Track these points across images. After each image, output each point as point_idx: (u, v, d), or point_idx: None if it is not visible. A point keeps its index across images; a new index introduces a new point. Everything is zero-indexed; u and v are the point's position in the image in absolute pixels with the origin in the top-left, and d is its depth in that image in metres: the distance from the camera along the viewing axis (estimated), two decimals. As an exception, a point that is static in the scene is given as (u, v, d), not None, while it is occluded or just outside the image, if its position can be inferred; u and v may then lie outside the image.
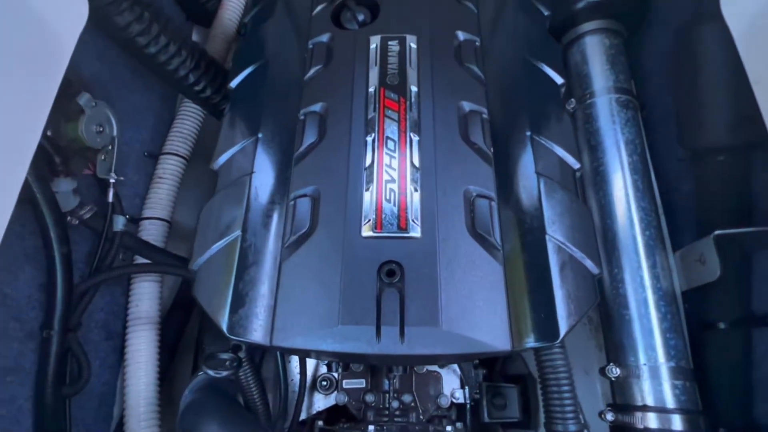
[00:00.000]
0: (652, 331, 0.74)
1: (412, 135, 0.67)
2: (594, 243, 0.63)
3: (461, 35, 0.78)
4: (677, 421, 0.71)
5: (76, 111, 0.85)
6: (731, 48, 0.58)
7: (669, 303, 0.75)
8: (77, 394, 0.85)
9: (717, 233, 0.72)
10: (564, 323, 0.56)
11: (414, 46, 0.76)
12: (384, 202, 0.62)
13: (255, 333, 0.56)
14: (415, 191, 0.63)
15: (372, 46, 0.76)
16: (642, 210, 0.80)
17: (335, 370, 0.84)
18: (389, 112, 0.69)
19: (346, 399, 0.82)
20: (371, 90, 0.71)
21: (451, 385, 0.82)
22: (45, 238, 0.78)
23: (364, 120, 0.69)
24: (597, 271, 0.60)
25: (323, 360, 0.82)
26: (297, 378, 0.83)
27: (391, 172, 0.64)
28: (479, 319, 0.56)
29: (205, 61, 1.08)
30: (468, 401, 0.80)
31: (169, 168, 1.14)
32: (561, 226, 0.61)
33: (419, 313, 0.55)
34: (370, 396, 0.80)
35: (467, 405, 0.80)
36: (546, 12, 0.83)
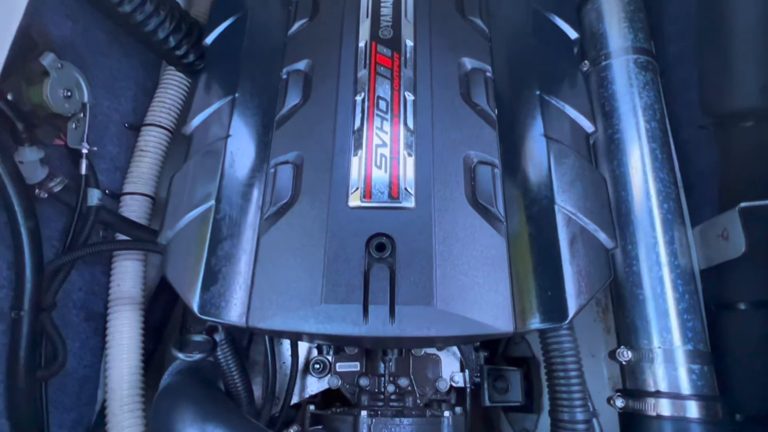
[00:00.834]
0: (667, 312, 0.68)
1: (406, 94, 0.60)
2: (608, 214, 0.56)
3: (464, -15, 0.70)
4: (693, 408, 0.65)
5: (39, 73, 0.77)
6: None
7: (687, 282, 0.69)
8: (53, 376, 0.81)
9: (743, 205, 0.65)
10: (573, 302, 0.50)
11: (410, -4, 0.68)
12: (374, 168, 0.55)
13: (229, 313, 0.51)
14: (409, 156, 0.56)
15: (363, -4, 0.68)
16: (660, 181, 0.73)
17: (327, 353, 0.79)
18: (381, 69, 0.61)
19: (339, 383, 0.77)
20: (361, 45, 0.63)
21: (451, 368, 0.77)
22: (9, 212, 0.72)
23: (353, 78, 0.62)
24: (611, 245, 0.54)
25: (308, 342, 0.77)
26: (289, 361, 0.79)
27: (383, 135, 0.57)
28: (479, 298, 0.50)
29: (187, 23, 1.00)
30: (468, 385, 0.76)
31: (152, 140, 1.07)
32: (572, 195, 0.54)
33: (411, 291, 0.50)
34: (364, 380, 0.75)
35: (467, 389, 0.76)
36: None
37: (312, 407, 0.76)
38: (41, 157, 0.78)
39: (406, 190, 0.54)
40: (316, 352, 0.80)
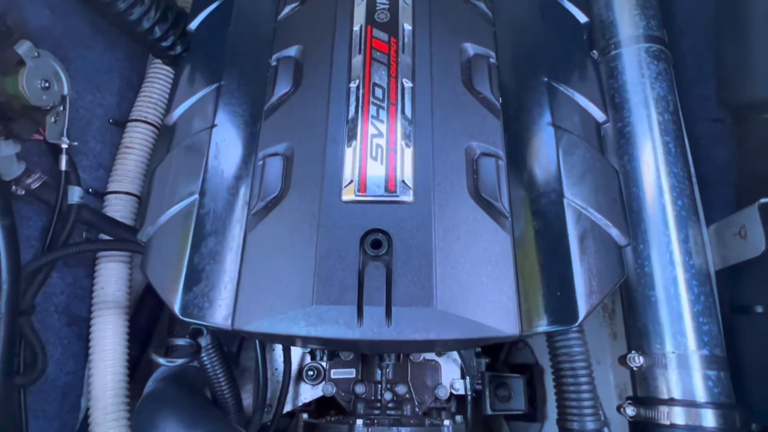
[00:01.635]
0: (681, 315, 0.64)
1: (404, 81, 0.56)
2: (621, 208, 0.52)
3: (465, -32, 0.66)
4: (709, 417, 0.61)
5: (14, 63, 0.73)
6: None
7: (702, 283, 0.65)
8: (33, 384, 0.76)
9: (763, 202, 0.61)
10: (584, 303, 0.46)
11: (408, -22, 0.64)
12: (369, 160, 0.51)
13: (214, 314, 0.46)
14: (407, 147, 0.52)
15: (358, -21, 0.64)
16: (674, 177, 0.69)
17: (321, 358, 0.75)
18: (377, 54, 0.57)
19: (334, 390, 0.73)
20: (356, 29, 0.59)
21: (451, 375, 0.73)
22: (-18, 209, 0.67)
23: (347, 64, 0.58)
24: (624, 242, 0.50)
25: (300, 347, 0.73)
26: (281, 367, 0.75)
27: (379, 125, 0.53)
28: (482, 298, 0.46)
29: (174, 13, 0.96)
30: (469, 392, 0.71)
31: (138, 137, 1.03)
32: (582, 188, 0.50)
33: (409, 291, 0.45)
34: (360, 387, 0.71)
35: (468, 396, 0.72)
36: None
37: (305, 416, 0.72)
38: (17, 152, 0.73)
39: (403, 183, 0.50)
40: (309, 358, 0.76)
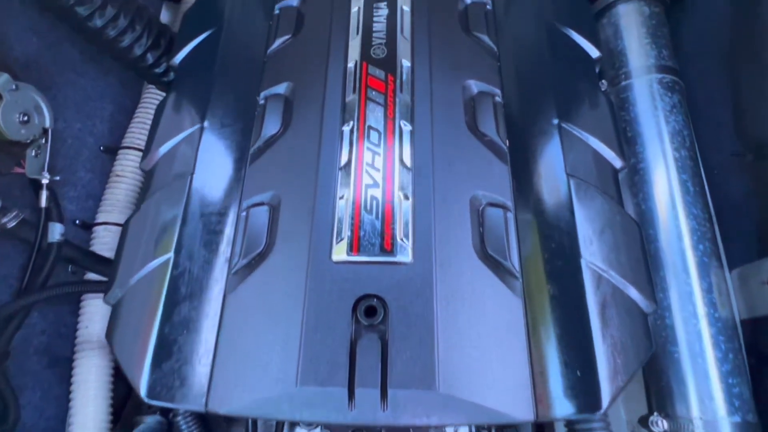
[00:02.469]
0: (708, 376, 0.58)
1: (402, 124, 0.51)
2: (645, 269, 0.46)
3: (467, -3, 0.61)
4: (740, 490, 0.56)
5: (-10, 96, 0.69)
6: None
7: (730, 338, 0.60)
8: (4, 437, 0.71)
9: (793, 249, 0.56)
10: (608, 386, 0.40)
11: (407, 8, 0.59)
12: (363, 213, 0.46)
13: (185, 395, 0.41)
14: (406, 199, 0.47)
15: (353, 9, 0.59)
16: (693, 218, 0.64)
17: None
18: (373, 93, 0.53)
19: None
20: (350, 66, 0.55)
21: None
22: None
23: (340, 104, 0.53)
24: (651, 309, 0.45)
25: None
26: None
27: (374, 173, 0.48)
28: (491, 378, 0.40)
29: (166, 39, 0.92)
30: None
31: (129, 164, 0.99)
32: (601, 246, 0.45)
33: (408, 371, 0.40)
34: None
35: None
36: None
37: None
38: (-9, 189, 0.69)
39: (401, 240, 0.45)
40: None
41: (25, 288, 0.76)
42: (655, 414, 0.60)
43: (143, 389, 0.41)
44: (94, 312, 0.88)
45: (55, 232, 0.77)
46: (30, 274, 0.76)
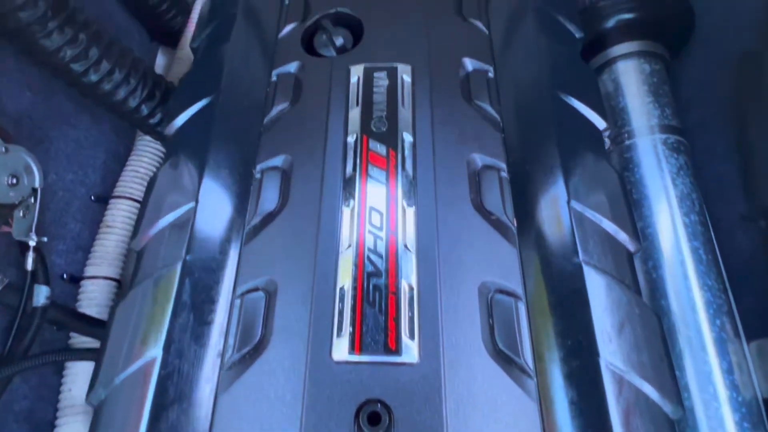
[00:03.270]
0: (733, 464, 0.55)
1: (405, 203, 0.49)
2: (669, 370, 0.43)
3: (469, 64, 0.60)
4: None
5: (-23, 160, 0.67)
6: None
7: (755, 425, 0.56)
8: None
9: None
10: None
11: (408, 79, 0.58)
12: (366, 306, 0.44)
13: None
14: (410, 289, 0.45)
15: (353, 79, 0.58)
16: (708, 290, 0.61)
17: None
18: (374, 170, 0.51)
19: None
20: (350, 139, 0.53)
21: None
22: None
23: (340, 181, 0.51)
24: (678, 414, 0.41)
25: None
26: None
27: (376, 259, 0.46)
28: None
29: (161, 90, 0.91)
30: None
31: (120, 214, 0.96)
32: (621, 344, 0.42)
33: (416, 493, 0.37)
34: None
35: None
36: (578, 34, 0.65)
37: None
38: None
39: (406, 337, 0.42)
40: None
41: (7, 355, 0.72)
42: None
43: None
44: (77, 373, 0.84)
45: (41, 295, 0.74)
46: (12, 339, 0.72)
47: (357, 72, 0.58)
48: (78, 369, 0.83)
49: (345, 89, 0.57)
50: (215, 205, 0.51)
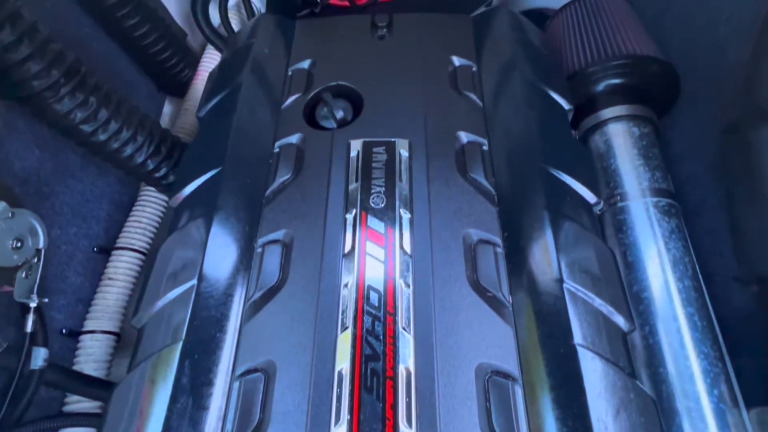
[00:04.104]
0: None
1: (402, 284, 0.50)
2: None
3: (464, 137, 0.63)
4: None
5: (-18, 228, 0.68)
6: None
7: (758, 501, 0.56)
8: None
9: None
10: None
11: (405, 153, 0.60)
12: (363, 392, 0.44)
13: None
14: (407, 373, 0.45)
15: (353, 153, 0.60)
16: (704, 358, 0.62)
17: None
18: (372, 247, 0.52)
19: None
20: (349, 216, 0.55)
21: None
22: None
23: (340, 257, 0.52)
24: None
25: None
26: None
27: (374, 342, 0.47)
28: None
29: (167, 145, 0.94)
30: None
31: (122, 266, 0.97)
32: (618, 429, 0.42)
33: None
34: None
35: None
36: (567, 105, 0.68)
37: None
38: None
39: (404, 426, 0.43)
40: None
41: (2, 420, 0.71)
42: None
43: None
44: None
45: (39, 357, 0.74)
46: (8, 403, 0.72)
47: (357, 146, 0.61)
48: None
49: (345, 163, 0.59)
50: (217, 283, 0.52)
